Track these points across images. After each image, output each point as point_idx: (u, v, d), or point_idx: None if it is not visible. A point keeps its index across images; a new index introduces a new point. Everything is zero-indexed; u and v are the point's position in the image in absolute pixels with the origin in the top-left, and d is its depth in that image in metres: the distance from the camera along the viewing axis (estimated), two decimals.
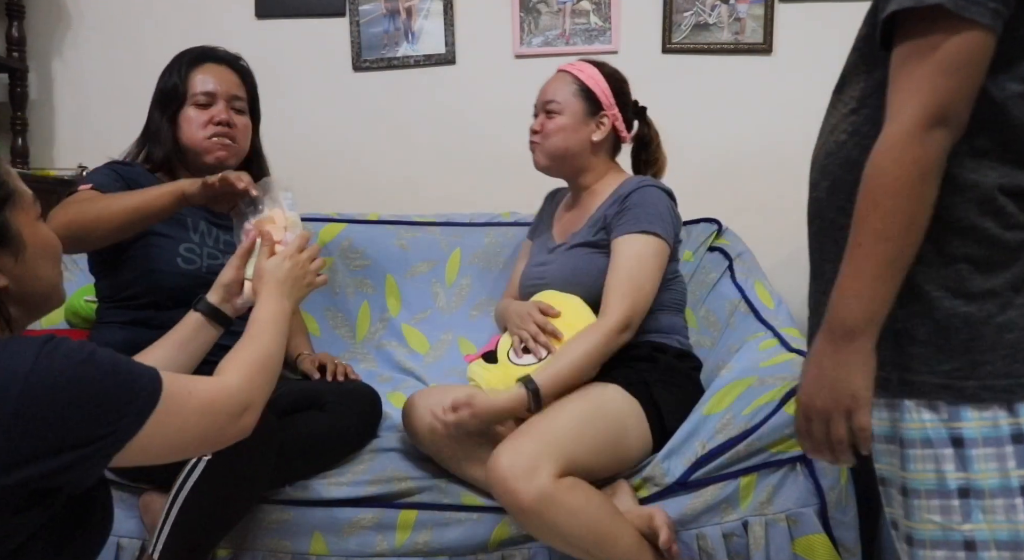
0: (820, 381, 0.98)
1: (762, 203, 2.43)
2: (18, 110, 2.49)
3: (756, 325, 1.90)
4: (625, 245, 1.73)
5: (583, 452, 1.51)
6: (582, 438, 1.52)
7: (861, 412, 0.96)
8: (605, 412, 1.59)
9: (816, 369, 0.99)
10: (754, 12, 2.43)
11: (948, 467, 0.96)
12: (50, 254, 0.99)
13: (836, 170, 1.04)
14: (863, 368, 0.95)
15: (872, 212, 0.93)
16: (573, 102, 1.85)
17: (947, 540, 0.97)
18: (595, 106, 1.86)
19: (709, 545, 1.56)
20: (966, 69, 0.90)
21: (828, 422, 0.98)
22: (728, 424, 1.58)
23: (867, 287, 0.94)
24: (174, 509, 1.41)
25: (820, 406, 0.98)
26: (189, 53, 1.87)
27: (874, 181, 0.93)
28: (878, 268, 0.93)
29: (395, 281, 2.34)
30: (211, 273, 1.74)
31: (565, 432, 1.51)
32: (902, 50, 0.93)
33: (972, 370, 0.95)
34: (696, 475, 1.57)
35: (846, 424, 0.97)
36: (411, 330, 2.29)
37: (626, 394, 1.63)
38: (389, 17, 2.51)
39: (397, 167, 2.58)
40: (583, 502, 1.46)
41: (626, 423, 1.61)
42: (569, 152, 1.85)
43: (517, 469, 1.43)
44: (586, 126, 1.85)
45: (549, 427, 1.52)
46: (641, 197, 1.77)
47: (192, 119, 1.80)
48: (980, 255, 0.95)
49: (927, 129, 0.90)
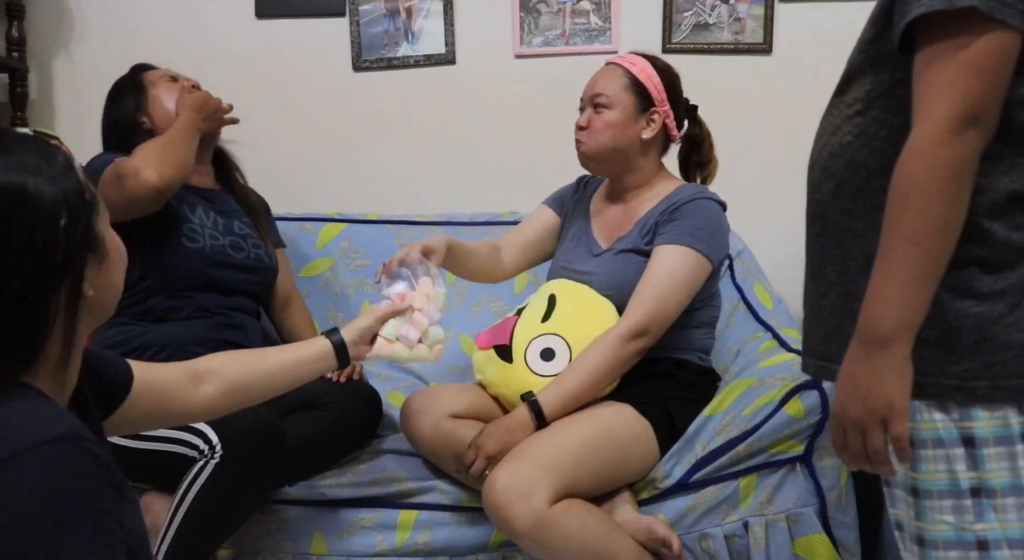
0: (854, 391, 0.95)
1: (762, 203, 2.43)
2: (18, 110, 2.49)
3: (755, 326, 1.90)
4: (663, 254, 1.65)
5: (583, 476, 1.49)
6: (584, 463, 1.49)
7: (897, 421, 0.93)
8: (612, 436, 1.54)
9: (850, 379, 0.96)
10: (754, 12, 2.43)
11: (960, 467, 0.96)
12: (123, 260, 0.96)
13: (840, 171, 1.04)
14: (898, 376, 0.93)
15: (904, 216, 0.91)
16: (623, 97, 1.74)
17: (960, 540, 0.96)
18: (646, 102, 1.75)
19: (711, 546, 1.56)
20: (996, 70, 0.89)
21: (864, 432, 0.95)
22: (728, 425, 1.58)
23: (900, 293, 0.92)
24: (180, 511, 1.41)
25: (855, 416, 0.95)
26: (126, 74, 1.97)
27: (905, 184, 0.91)
28: (911, 273, 0.91)
29: None
30: (215, 253, 1.79)
31: (567, 456, 1.48)
32: (929, 52, 0.92)
33: (983, 371, 0.94)
34: (697, 476, 1.57)
35: (883, 434, 0.94)
36: None
37: (639, 416, 1.58)
38: (389, 17, 2.51)
39: (397, 167, 2.58)
40: (580, 524, 1.44)
41: (632, 448, 1.57)
42: (617, 150, 1.74)
43: (512, 494, 1.41)
44: (636, 123, 1.74)
45: (550, 449, 1.48)
46: (695, 209, 1.68)
47: (160, 97, 1.88)
48: (989, 256, 0.95)
49: (959, 130, 0.89)
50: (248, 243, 1.88)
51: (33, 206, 0.81)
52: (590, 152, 1.75)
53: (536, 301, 1.75)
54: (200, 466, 1.42)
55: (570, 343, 1.64)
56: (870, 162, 0.99)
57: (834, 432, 1.00)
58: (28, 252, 0.81)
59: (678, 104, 1.81)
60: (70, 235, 0.84)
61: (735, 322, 1.97)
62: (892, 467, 0.98)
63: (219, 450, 1.43)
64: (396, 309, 1.40)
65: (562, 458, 1.47)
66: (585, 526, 1.45)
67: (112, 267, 0.93)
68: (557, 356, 1.63)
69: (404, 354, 1.40)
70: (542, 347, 1.65)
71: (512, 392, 1.66)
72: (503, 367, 1.67)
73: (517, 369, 1.65)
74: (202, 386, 1.17)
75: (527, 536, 1.41)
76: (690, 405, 1.66)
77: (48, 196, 0.82)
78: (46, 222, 0.82)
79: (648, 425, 1.58)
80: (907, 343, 0.93)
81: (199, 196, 1.87)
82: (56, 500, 0.75)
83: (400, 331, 1.39)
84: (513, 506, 1.40)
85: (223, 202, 1.93)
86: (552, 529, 1.41)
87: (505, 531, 1.44)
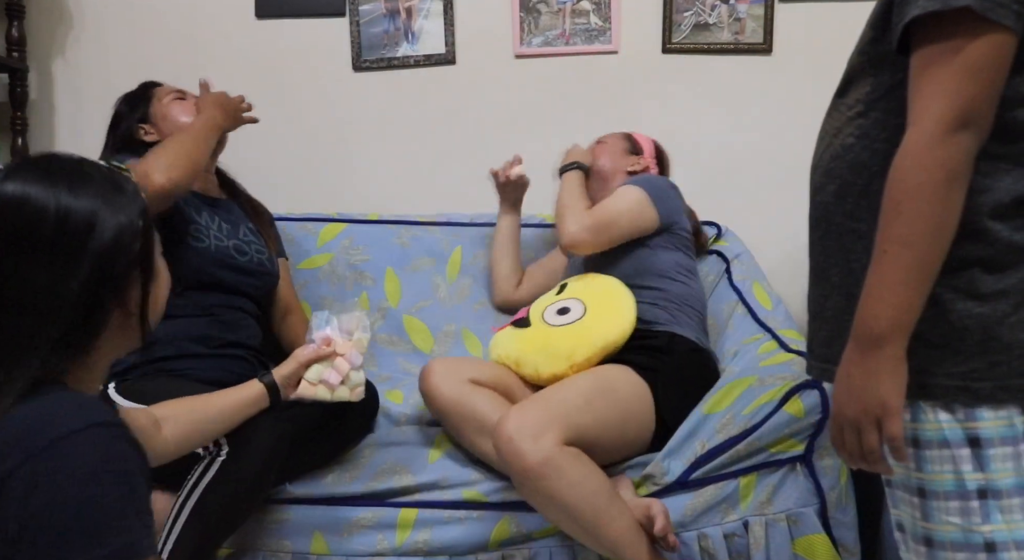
0: (849, 391, 0.96)
1: (762, 203, 2.43)
2: (18, 110, 2.49)
3: (754, 327, 1.90)
4: (613, 193, 1.93)
5: (590, 424, 1.53)
6: (589, 410, 1.55)
7: (892, 420, 0.94)
8: (614, 389, 1.63)
9: (845, 379, 0.97)
10: (754, 12, 2.43)
11: (966, 468, 0.96)
12: (168, 285, 1.05)
13: (844, 173, 1.04)
14: (892, 376, 0.94)
15: (897, 217, 0.92)
16: (618, 139, 2.14)
17: (968, 542, 0.97)
18: (636, 149, 2.13)
19: (711, 545, 1.56)
20: (990, 71, 0.90)
21: (859, 432, 0.96)
22: (728, 423, 1.58)
23: (893, 294, 0.92)
24: (185, 509, 1.42)
25: (850, 416, 0.96)
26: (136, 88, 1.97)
27: (898, 186, 0.92)
28: (904, 274, 0.92)
29: (395, 273, 2.32)
30: (220, 253, 1.82)
31: (573, 402, 1.54)
32: (924, 53, 0.92)
33: (988, 371, 0.95)
34: (696, 474, 1.57)
35: (877, 433, 0.95)
36: (412, 321, 2.27)
37: (637, 378, 1.66)
38: (389, 17, 2.51)
39: (397, 167, 2.58)
40: (586, 474, 1.47)
41: (633, 405, 1.63)
42: (610, 171, 2.08)
43: (524, 431, 1.44)
44: (624, 158, 2.10)
45: (557, 396, 1.56)
46: (644, 174, 2.04)
47: (169, 112, 1.89)
48: (991, 257, 0.95)
49: (952, 132, 0.89)
50: (252, 248, 1.91)
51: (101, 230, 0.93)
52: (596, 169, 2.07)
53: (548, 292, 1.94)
54: (207, 463, 1.43)
55: (584, 301, 1.78)
56: (873, 164, 0.99)
57: (832, 431, 1.01)
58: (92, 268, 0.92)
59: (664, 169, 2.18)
60: (128, 257, 0.95)
61: (734, 323, 1.97)
62: (889, 466, 0.98)
63: (225, 446, 1.43)
64: (320, 354, 1.52)
65: (569, 404, 1.53)
66: (591, 478, 1.47)
67: (159, 290, 1.02)
68: (572, 310, 1.76)
69: (326, 396, 1.53)
70: (558, 307, 1.79)
71: (532, 348, 1.75)
72: (521, 333, 1.81)
73: (534, 328, 1.79)
74: (162, 431, 1.27)
75: (535, 473, 1.42)
76: (678, 383, 1.70)
77: (115, 222, 0.94)
78: (111, 245, 0.93)
79: (645, 386, 1.65)
80: (901, 343, 0.93)
81: (205, 202, 1.88)
82: (103, 477, 0.85)
83: (323, 375, 1.52)
84: (525, 441, 1.44)
85: (228, 209, 1.95)
86: (560, 471, 1.43)
87: (514, 467, 1.45)
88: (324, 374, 1.52)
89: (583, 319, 1.74)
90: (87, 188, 0.94)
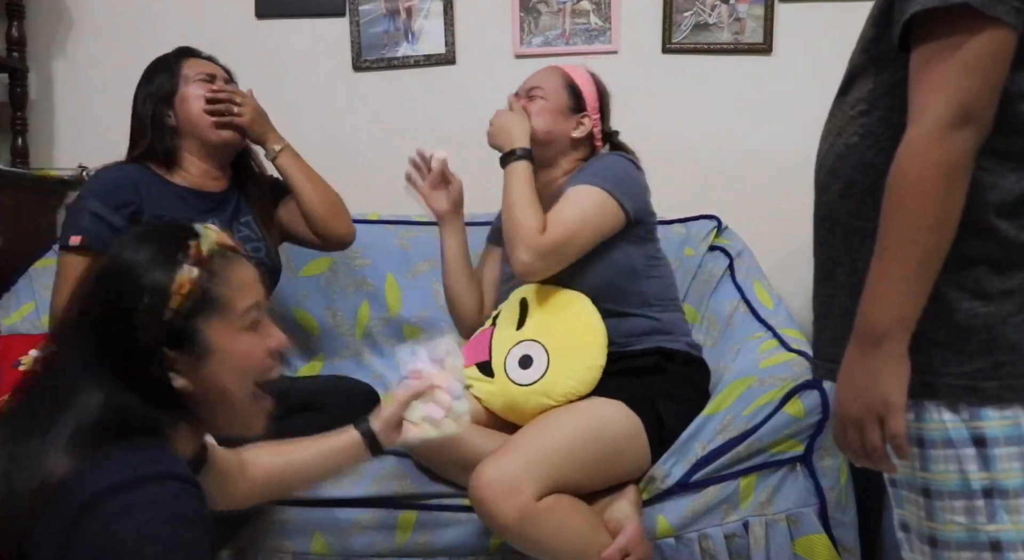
0: (851, 388, 0.96)
1: (762, 203, 2.43)
2: (18, 110, 2.49)
3: (756, 326, 1.90)
4: (568, 194, 1.68)
5: (571, 471, 1.49)
6: (572, 457, 1.50)
7: (894, 418, 0.93)
8: (602, 431, 1.55)
9: (847, 376, 0.97)
10: (754, 12, 2.43)
11: (971, 467, 0.95)
12: (238, 368, 0.99)
13: (849, 172, 1.03)
14: (895, 373, 0.94)
15: (898, 215, 0.92)
16: (559, 93, 1.81)
17: (973, 541, 0.96)
18: (579, 104, 1.82)
19: (712, 546, 1.56)
20: (990, 68, 0.89)
21: (862, 430, 0.96)
22: (728, 425, 1.58)
23: (895, 291, 0.92)
24: None
25: (853, 414, 0.96)
26: (170, 53, 1.90)
27: (899, 183, 0.92)
28: (906, 271, 0.92)
29: (396, 280, 2.32)
30: None
31: (555, 450, 1.48)
32: (923, 50, 0.92)
33: (993, 370, 0.94)
34: (697, 476, 1.57)
35: (880, 431, 0.95)
36: (412, 329, 2.28)
37: (629, 413, 1.58)
38: (389, 17, 2.51)
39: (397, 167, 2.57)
40: (564, 520, 1.45)
41: (623, 444, 1.57)
42: (552, 136, 1.78)
43: (498, 488, 1.41)
44: (567, 120, 1.80)
45: (538, 443, 1.50)
46: (599, 160, 1.77)
47: (189, 95, 1.83)
48: (998, 256, 0.95)
49: (952, 129, 0.89)
50: (248, 248, 1.84)
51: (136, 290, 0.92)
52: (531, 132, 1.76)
53: (508, 308, 1.76)
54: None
55: (547, 346, 1.64)
56: (879, 162, 0.99)
57: (835, 430, 1.01)
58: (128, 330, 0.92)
59: (606, 120, 1.88)
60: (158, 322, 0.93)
61: (735, 322, 1.97)
62: (892, 464, 0.98)
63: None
64: (416, 390, 1.35)
65: (550, 453, 1.48)
66: (570, 523, 1.46)
67: (217, 369, 0.97)
68: (535, 362, 1.64)
69: (433, 434, 1.35)
70: (520, 355, 1.66)
71: (499, 407, 1.67)
72: (487, 383, 1.69)
73: (498, 383, 1.66)
74: (247, 474, 1.20)
75: (511, 530, 1.42)
76: (680, 403, 1.65)
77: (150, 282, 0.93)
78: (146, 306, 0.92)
79: (639, 422, 1.58)
80: (903, 341, 0.93)
81: (205, 202, 1.85)
82: (175, 524, 0.84)
83: (425, 412, 1.35)
84: (499, 500, 1.41)
85: (228, 204, 1.89)
86: (537, 524, 1.42)
87: (491, 525, 1.45)
88: (425, 411, 1.36)
89: (546, 377, 1.61)
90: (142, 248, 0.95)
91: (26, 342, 1.98)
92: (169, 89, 1.84)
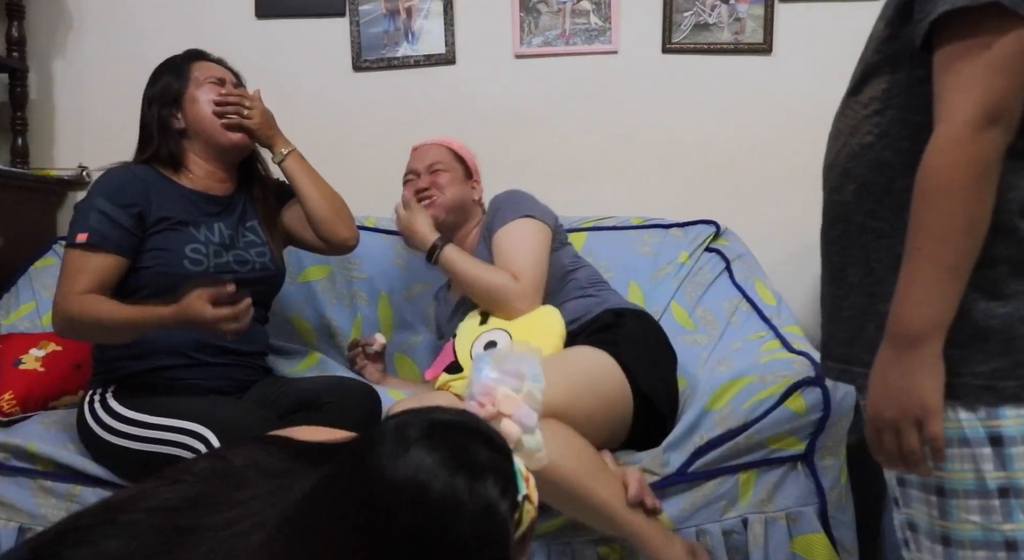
0: (887, 392, 0.95)
1: (762, 203, 2.43)
2: (18, 110, 2.49)
3: (759, 324, 1.90)
4: (503, 235, 1.85)
5: (561, 394, 1.45)
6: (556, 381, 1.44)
7: (932, 420, 0.93)
8: (574, 359, 1.64)
9: (882, 380, 0.96)
10: (754, 12, 2.43)
11: (987, 466, 0.95)
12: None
13: (864, 172, 1.03)
14: (931, 376, 0.93)
15: (929, 215, 0.91)
16: (455, 164, 2.05)
17: (988, 541, 0.96)
18: (469, 171, 2.07)
19: (709, 542, 1.56)
20: (1019, 68, 0.89)
21: (899, 433, 0.95)
22: (728, 417, 1.58)
23: (929, 292, 0.92)
24: None
25: (889, 417, 0.95)
26: (179, 55, 1.91)
27: (930, 184, 0.91)
28: (939, 272, 0.91)
29: (389, 302, 2.30)
30: (220, 272, 1.76)
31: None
32: (950, 50, 0.91)
33: (1011, 370, 0.94)
34: (695, 466, 1.57)
35: (917, 434, 0.94)
36: (402, 359, 2.27)
37: (594, 348, 1.66)
38: (389, 17, 2.51)
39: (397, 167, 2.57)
40: (564, 446, 1.44)
41: (598, 367, 1.63)
42: (463, 202, 2.01)
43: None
44: (467, 185, 2.05)
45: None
46: (498, 200, 1.95)
47: (199, 98, 1.83)
48: (1019, 257, 0.94)
49: (981, 128, 0.89)
50: (252, 252, 1.85)
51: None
52: (448, 202, 1.98)
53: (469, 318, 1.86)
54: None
55: (510, 331, 1.74)
56: (895, 162, 0.99)
57: (868, 434, 1.00)
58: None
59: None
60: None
61: (737, 320, 1.97)
62: (928, 467, 0.97)
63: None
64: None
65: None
66: (569, 450, 1.45)
67: None
68: (500, 344, 1.71)
69: None
70: (485, 342, 1.75)
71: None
72: (459, 379, 1.73)
73: (468, 372, 1.63)
74: None
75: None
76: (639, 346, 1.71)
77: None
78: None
79: (604, 352, 1.65)
80: (938, 342, 0.93)
81: (212, 205, 1.84)
82: None
83: None
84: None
85: (234, 208, 1.88)
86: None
87: None
88: None
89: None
90: (477, 486, 0.74)
91: (26, 342, 1.98)
92: (176, 91, 1.84)
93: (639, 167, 2.49)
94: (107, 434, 1.64)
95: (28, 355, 1.93)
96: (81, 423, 1.70)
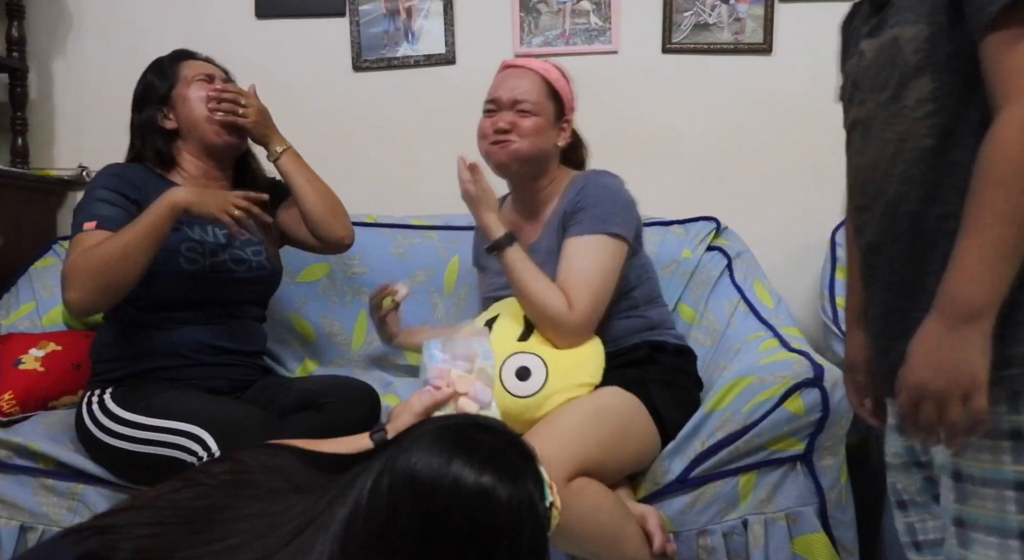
0: (938, 363, 0.95)
1: (762, 203, 2.43)
2: (18, 110, 2.49)
3: (756, 325, 1.90)
4: (579, 246, 1.67)
5: (591, 449, 1.49)
6: (588, 436, 1.50)
7: (980, 394, 0.94)
8: (607, 409, 1.58)
9: (933, 352, 0.96)
10: (754, 12, 2.43)
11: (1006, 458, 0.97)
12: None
13: (932, 176, 1.02)
14: (983, 351, 0.94)
15: (999, 194, 0.92)
16: (546, 104, 1.76)
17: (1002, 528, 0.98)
18: (561, 110, 1.79)
19: (710, 544, 1.56)
20: None
21: (944, 405, 0.95)
22: (728, 421, 1.58)
23: (992, 270, 0.93)
24: None
25: (936, 388, 0.95)
26: (166, 56, 1.90)
27: (1000, 163, 0.92)
28: (1003, 251, 0.92)
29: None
30: (215, 271, 1.77)
31: (570, 433, 1.49)
32: (1012, 33, 0.92)
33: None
34: (696, 472, 1.57)
35: (962, 406, 0.95)
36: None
37: (625, 393, 1.62)
38: (389, 17, 2.51)
39: (397, 167, 2.58)
40: (595, 505, 1.45)
41: (630, 419, 1.59)
42: (543, 156, 1.76)
43: None
44: (553, 131, 1.78)
45: (554, 431, 1.50)
46: (597, 192, 1.72)
47: (189, 97, 1.82)
48: None
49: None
50: (248, 251, 1.85)
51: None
52: (524, 153, 1.73)
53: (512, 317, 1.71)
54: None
55: (546, 361, 1.62)
56: (964, 160, 0.98)
57: (905, 404, 1.00)
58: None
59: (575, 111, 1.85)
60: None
61: (735, 321, 1.97)
62: (961, 440, 0.98)
63: (216, 454, 1.43)
64: (436, 401, 1.25)
65: (567, 436, 1.48)
66: (601, 508, 1.45)
67: None
68: (533, 375, 1.61)
69: None
70: (517, 366, 1.62)
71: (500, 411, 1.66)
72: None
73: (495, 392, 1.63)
74: None
75: None
76: (671, 388, 1.68)
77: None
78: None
79: (636, 399, 1.61)
80: (992, 319, 0.94)
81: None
82: None
83: None
84: None
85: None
86: (568, 509, 1.40)
87: None
88: None
89: (542, 391, 1.59)
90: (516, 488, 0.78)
91: (26, 342, 1.98)
92: (164, 91, 1.83)
93: (639, 167, 2.48)
94: (104, 435, 1.64)
95: (28, 355, 1.93)
96: (79, 425, 1.70)
